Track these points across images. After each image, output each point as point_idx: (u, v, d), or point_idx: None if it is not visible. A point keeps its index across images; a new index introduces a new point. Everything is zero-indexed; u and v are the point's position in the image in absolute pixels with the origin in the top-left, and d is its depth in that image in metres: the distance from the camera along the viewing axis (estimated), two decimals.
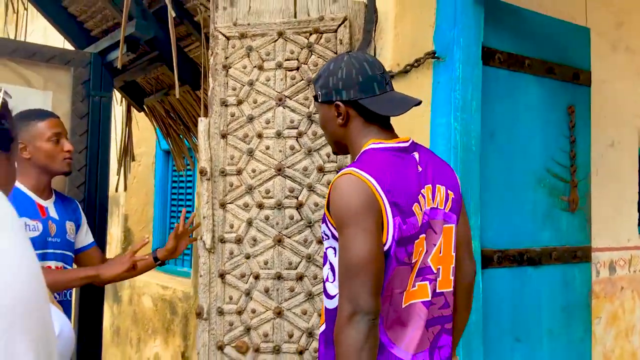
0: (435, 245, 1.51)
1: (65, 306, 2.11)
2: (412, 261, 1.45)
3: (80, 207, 2.37)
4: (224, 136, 2.17)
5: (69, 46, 2.94)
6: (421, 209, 1.46)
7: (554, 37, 2.57)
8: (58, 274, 2.15)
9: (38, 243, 2.10)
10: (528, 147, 2.48)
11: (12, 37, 2.91)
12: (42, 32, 3.42)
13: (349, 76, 1.46)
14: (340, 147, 1.58)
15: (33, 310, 0.54)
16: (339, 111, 1.49)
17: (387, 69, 2.17)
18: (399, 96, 1.52)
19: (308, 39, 2.14)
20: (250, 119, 2.15)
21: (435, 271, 1.52)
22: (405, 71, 2.19)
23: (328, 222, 1.44)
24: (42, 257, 2.12)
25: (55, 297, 2.02)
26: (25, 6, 2.84)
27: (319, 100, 1.54)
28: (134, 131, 3.17)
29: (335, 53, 2.11)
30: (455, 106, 2.19)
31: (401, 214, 1.39)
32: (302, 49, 2.14)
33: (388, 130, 1.51)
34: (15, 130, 1.02)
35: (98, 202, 2.50)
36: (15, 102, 2.19)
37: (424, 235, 1.48)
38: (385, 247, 1.37)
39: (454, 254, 1.58)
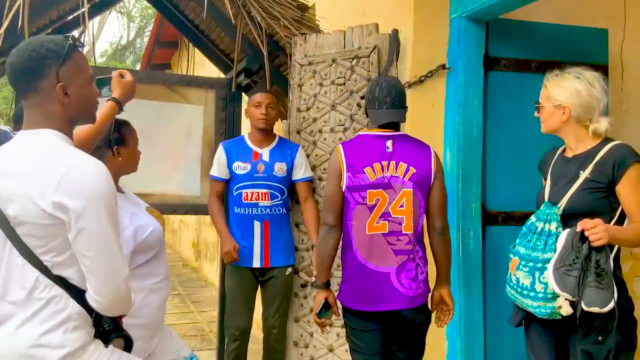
0: (394, 199, 2.37)
1: None
2: (369, 204, 2.34)
3: (298, 152, 3.12)
4: (298, 132, 3.23)
5: (218, 71, 4.24)
6: (374, 172, 2.35)
7: (566, 40, 3.13)
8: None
9: (246, 177, 3.06)
10: (536, 132, 3.08)
11: (184, 70, 4.28)
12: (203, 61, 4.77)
13: (367, 93, 2.45)
14: None
15: (114, 200, 1.51)
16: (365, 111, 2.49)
17: (407, 80, 3.03)
18: (390, 114, 2.40)
19: (351, 63, 3.09)
20: (314, 120, 3.18)
21: (393, 216, 2.36)
22: (420, 80, 3.00)
23: None
24: (251, 187, 3.06)
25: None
26: (188, 47, 4.20)
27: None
28: None
29: (369, 71, 3.03)
30: (459, 104, 2.97)
31: (352, 171, 2.34)
32: (347, 69, 3.10)
33: (382, 128, 2.41)
34: (128, 136, 2.14)
35: None
36: (179, 114, 3.45)
37: (381, 190, 2.35)
38: (343, 190, 2.36)
39: (413, 208, 2.38)
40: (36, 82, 1.51)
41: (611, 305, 1.91)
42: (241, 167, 3.10)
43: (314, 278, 2.55)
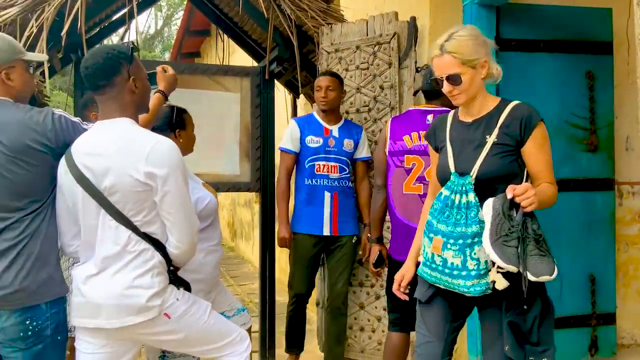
0: (429, 165, 2.65)
1: None
2: (405, 167, 2.72)
3: (362, 133, 3.39)
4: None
5: (248, 59, 4.59)
6: (411, 140, 2.72)
7: (572, 20, 3.38)
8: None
9: (319, 150, 3.32)
10: (545, 107, 3.33)
11: (214, 58, 4.64)
12: (233, 49, 5.11)
13: (426, 76, 2.78)
14: None
15: (185, 169, 1.90)
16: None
17: (425, 62, 3.32)
18: None
19: (373, 49, 3.40)
20: (342, 102, 3.50)
21: (427, 180, 2.67)
22: None
23: None
24: (324, 159, 3.33)
25: None
26: (223, 37, 4.56)
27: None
28: (301, 109, 4.68)
29: (389, 56, 3.33)
30: None
31: (393, 139, 2.74)
32: (369, 55, 3.41)
33: (431, 104, 2.79)
34: (187, 121, 2.52)
35: (268, 154, 4.07)
36: (218, 101, 3.81)
37: (418, 156, 2.72)
38: (387, 155, 2.77)
39: None
40: (114, 78, 1.88)
41: (556, 271, 1.84)
42: (314, 141, 3.36)
43: (369, 235, 3.03)
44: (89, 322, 1.86)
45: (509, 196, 1.80)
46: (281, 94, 4.86)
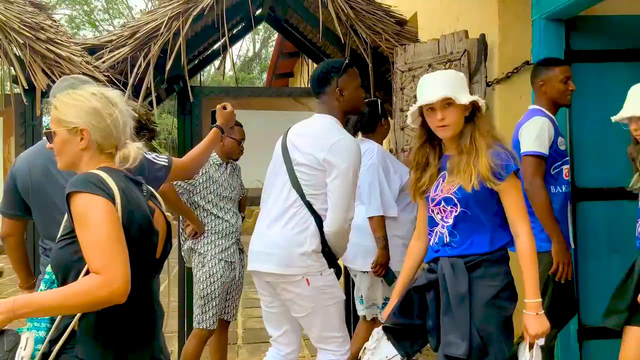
0: None
1: None
2: None
3: None
4: (402, 129, 3.77)
5: None
6: None
7: None
8: None
9: (566, 153, 2.85)
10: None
11: (305, 78, 5.01)
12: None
13: None
14: None
15: (358, 166, 2.36)
16: None
17: (495, 77, 3.46)
18: None
19: (445, 66, 3.57)
20: None
21: None
22: (507, 76, 3.42)
23: None
24: (567, 162, 2.83)
25: None
26: (307, 61, 4.91)
27: None
28: None
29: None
30: None
31: None
32: None
33: None
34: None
35: None
36: (300, 120, 4.13)
37: None
38: None
39: None
40: (324, 87, 2.43)
41: None
42: (562, 143, 2.85)
43: None
44: (251, 265, 2.40)
45: None
46: None
